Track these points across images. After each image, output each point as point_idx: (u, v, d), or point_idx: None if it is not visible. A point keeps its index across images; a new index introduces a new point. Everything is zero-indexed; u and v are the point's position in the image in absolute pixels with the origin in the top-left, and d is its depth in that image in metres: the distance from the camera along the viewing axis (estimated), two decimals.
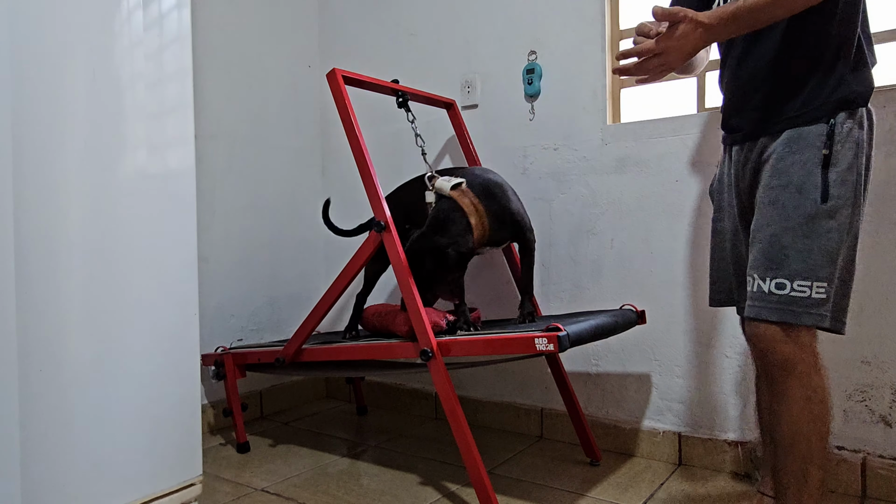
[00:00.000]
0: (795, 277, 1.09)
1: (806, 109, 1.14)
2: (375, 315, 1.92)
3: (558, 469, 1.83)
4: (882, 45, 1.62)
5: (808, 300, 1.09)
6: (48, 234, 1.20)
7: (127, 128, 1.32)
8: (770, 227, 1.13)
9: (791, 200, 1.11)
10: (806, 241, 1.09)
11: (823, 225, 1.09)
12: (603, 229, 1.98)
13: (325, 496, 1.66)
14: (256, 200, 2.44)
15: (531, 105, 2.12)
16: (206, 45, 2.26)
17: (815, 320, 1.10)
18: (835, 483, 1.63)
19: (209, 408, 2.25)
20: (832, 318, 1.11)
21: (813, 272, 1.09)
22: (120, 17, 1.31)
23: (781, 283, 1.11)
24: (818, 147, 1.10)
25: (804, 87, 1.15)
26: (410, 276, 1.62)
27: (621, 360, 1.97)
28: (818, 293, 1.09)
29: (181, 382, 1.43)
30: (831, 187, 1.08)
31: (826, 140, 1.10)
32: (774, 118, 1.19)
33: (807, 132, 1.13)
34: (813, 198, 1.09)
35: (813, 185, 1.09)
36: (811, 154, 1.11)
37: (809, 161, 1.11)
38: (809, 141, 1.12)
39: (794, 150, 1.13)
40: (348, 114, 1.74)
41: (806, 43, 1.15)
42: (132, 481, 1.33)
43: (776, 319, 1.11)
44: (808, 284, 1.09)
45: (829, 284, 1.09)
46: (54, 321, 1.21)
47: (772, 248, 1.12)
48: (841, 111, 1.12)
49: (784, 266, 1.11)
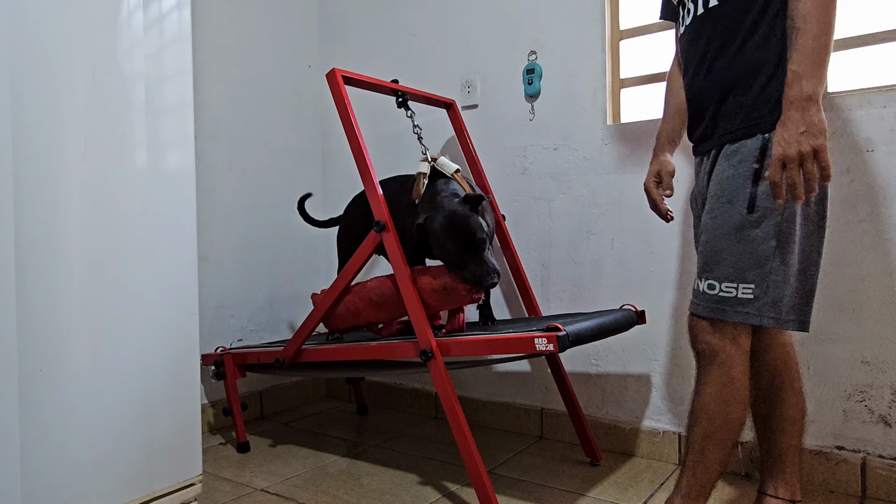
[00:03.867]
0: (723, 279, 1.22)
1: (744, 125, 1.22)
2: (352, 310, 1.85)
3: (558, 469, 1.83)
4: (882, 46, 1.62)
5: (734, 300, 1.20)
6: (48, 233, 1.20)
7: (127, 127, 1.32)
8: (706, 233, 1.25)
9: (723, 211, 1.22)
10: (735, 247, 1.20)
11: (750, 233, 1.19)
12: (603, 229, 1.98)
13: (325, 496, 1.66)
14: (256, 200, 2.44)
15: (531, 105, 2.12)
16: (206, 45, 2.26)
17: (741, 318, 1.20)
18: (835, 483, 1.63)
19: (209, 408, 2.25)
20: (769, 317, 1.20)
21: (740, 275, 1.20)
22: (120, 17, 1.31)
23: (712, 284, 1.23)
24: (750, 161, 1.20)
25: (744, 104, 1.23)
26: (411, 276, 1.62)
27: (621, 360, 1.97)
28: (744, 294, 1.20)
29: (181, 382, 1.43)
30: (758, 199, 1.18)
31: (758, 155, 1.19)
32: (720, 132, 1.28)
33: (743, 147, 1.22)
34: (740, 209, 1.20)
35: (742, 197, 1.20)
36: (744, 168, 1.20)
37: (741, 175, 1.20)
38: (744, 155, 1.21)
39: (732, 163, 1.23)
40: (348, 114, 1.74)
41: (747, 64, 1.23)
42: (132, 480, 1.33)
43: (706, 316, 1.24)
44: (735, 286, 1.20)
45: (758, 286, 1.19)
46: (54, 321, 1.21)
47: (707, 252, 1.25)
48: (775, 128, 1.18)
49: (715, 269, 1.23)
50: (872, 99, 1.57)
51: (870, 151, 1.58)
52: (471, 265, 1.56)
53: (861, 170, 1.59)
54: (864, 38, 1.63)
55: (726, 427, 1.22)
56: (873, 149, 1.57)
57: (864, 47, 1.64)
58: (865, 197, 1.59)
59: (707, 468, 1.23)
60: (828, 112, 1.62)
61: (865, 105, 1.58)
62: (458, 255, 1.56)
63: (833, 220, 1.63)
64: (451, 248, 1.55)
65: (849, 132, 1.60)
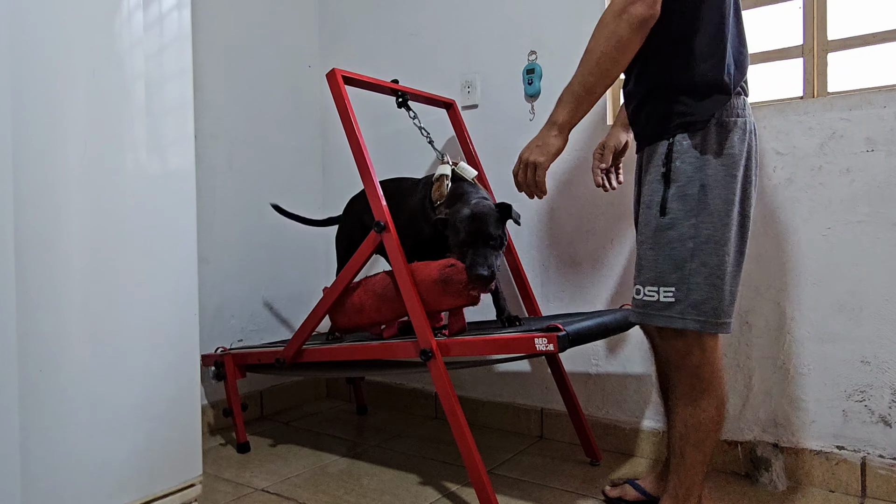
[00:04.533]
0: (646, 284, 1.24)
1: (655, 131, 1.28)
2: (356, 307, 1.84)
3: (558, 469, 1.83)
4: (882, 46, 1.62)
5: (657, 304, 1.23)
6: (48, 234, 1.20)
7: (127, 127, 1.32)
8: (637, 239, 1.31)
9: (643, 216, 1.26)
10: (652, 251, 1.23)
11: (665, 236, 1.21)
12: (603, 229, 1.98)
13: (325, 496, 1.66)
14: (256, 200, 2.44)
15: (531, 105, 2.12)
16: (206, 45, 2.26)
17: (665, 321, 1.22)
18: (835, 483, 1.63)
19: (209, 408, 2.25)
20: (693, 320, 1.20)
21: (660, 279, 1.22)
22: (120, 17, 1.31)
23: (638, 288, 1.26)
24: (659, 166, 1.24)
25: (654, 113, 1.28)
26: (410, 278, 1.62)
27: (621, 360, 1.97)
28: (665, 297, 1.21)
29: (181, 383, 1.43)
30: (669, 202, 1.21)
31: (664, 159, 1.23)
32: (639, 137, 1.35)
33: (654, 153, 1.27)
34: (655, 212, 1.23)
35: (656, 201, 1.23)
36: (656, 173, 1.25)
37: (655, 179, 1.25)
38: (655, 161, 1.26)
39: (648, 169, 1.28)
40: (348, 114, 1.74)
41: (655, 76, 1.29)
42: (132, 481, 1.33)
43: (636, 321, 1.28)
44: (656, 290, 1.22)
45: (678, 289, 1.20)
46: (54, 321, 1.21)
47: (637, 258, 1.29)
48: (678, 133, 1.23)
49: (640, 274, 1.26)
50: (872, 99, 1.57)
51: (870, 151, 1.58)
52: (471, 252, 1.58)
53: (861, 170, 1.59)
54: (864, 38, 1.64)
55: (698, 429, 1.24)
56: (873, 149, 1.57)
57: (864, 47, 1.64)
58: (865, 197, 1.59)
59: (689, 471, 1.25)
60: (828, 112, 1.62)
61: (865, 105, 1.58)
62: (467, 240, 1.58)
63: (833, 220, 1.63)
64: (462, 234, 1.58)
65: (849, 132, 1.60)
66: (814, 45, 1.69)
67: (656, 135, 1.27)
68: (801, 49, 1.73)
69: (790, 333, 1.69)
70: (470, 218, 1.59)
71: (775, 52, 1.77)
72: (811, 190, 1.65)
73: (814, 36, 1.69)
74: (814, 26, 1.69)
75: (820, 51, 1.69)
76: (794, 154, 1.67)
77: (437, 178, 1.76)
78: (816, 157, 1.64)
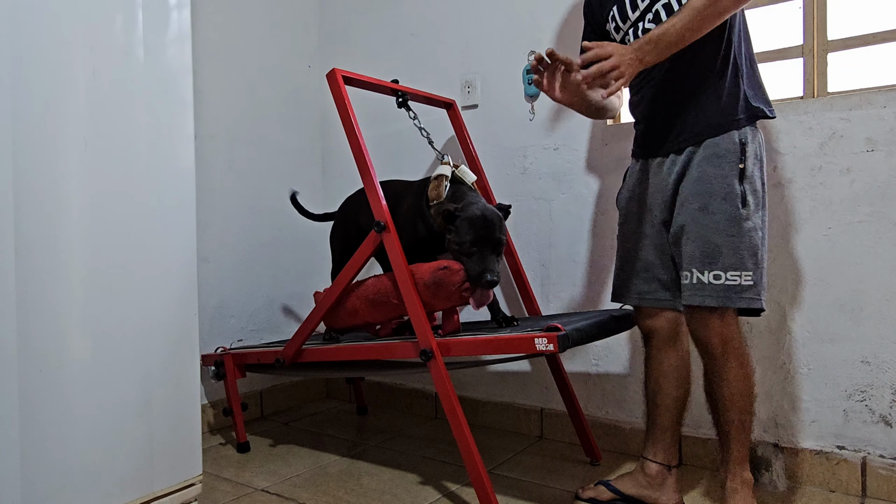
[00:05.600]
0: (728, 269, 1.33)
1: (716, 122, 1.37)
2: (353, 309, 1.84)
3: (558, 469, 1.83)
4: (882, 46, 1.62)
5: (739, 287, 1.33)
6: (48, 233, 1.20)
7: (127, 127, 1.32)
8: (703, 229, 1.35)
9: (718, 207, 1.34)
10: (733, 239, 1.33)
11: (745, 225, 1.33)
12: (603, 229, 1.98)
13: (325, 496, 1.66)
14: (256, 200, 2.44)
15: (531, 105, 2.12)
16: (206, 45, 2.26)
17: (746, 303, 1.33)
18: (835, 483, 1.63)
19: (209, 408, 2.25)
20: (762, 300, 1.35)
21: (742, 264, 1.33)
22: (120, 17, 1.31)
23: (718, 274, 1.34)
24: (734, 162, 1.34)
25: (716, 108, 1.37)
26: (411, 278, 1.62)
27: (621, 360, 1.97)
28: (746, 280, 1.33)
29: (181, 382, 1.43)
30: (746, 195, 1.33)
31: (740, 156, 1.34)
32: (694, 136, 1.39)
33: (722, 149, 1.35)
34: (735, 204, 1.33)
35: (734, 194, 1.33)
36: (729, 168, 1.34)
37: (729, 175, 1.34)
38: (727, 158, 1.35)
39: (715, 164, 1.35)
40: (348, 114, 1.74)
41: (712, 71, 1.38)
42: (132, 481, 1.33)
43: (716, 305, 1.34)
44: (738, 274, 1.33)
45: (754, 273, 1.33)
46: (54, 321, 1.21)
47: (706, 246, 1.35)
48: (746, 126, 1.36)
49: (718, 260, 1.34)
50: (872, 99, 1.57)
51: (869, 151, 1.58)
52: (476, 257, 1.58)
53: (861, 170, 1.59)
54: (864, 38, 1.63)
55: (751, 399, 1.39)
56: (873, 149, 1.57)
57: (864, 47, 1.64)
58: (865, 197, 1.59)
59: (748, 433, 1.40)
60: (828, 112, 1.62)
61: (865, 105, 1.58)
62: (472, 244, 1.58)
63: (833, 220, 1.63)
64: (469, 237, 1.58)
65: (849, 132, 1.60)
66: (814, 45, 1.69)
67: (717, 127, 1.36)
68: (801, 49, 1.72)
69: (790, 333, 1.69)
70: (480, 220, 1.59)
71: (775, 52, 1.77)
72: (811, 190, 1.65)
73: (814, 36, 1.69)
74: (814, 26, 1.69)
75: (820, 51, 1.69)
76: (794, 154, 1.67)
77: (436, 178, 1.75)
78: (817, 157, 1.64)
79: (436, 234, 1.71)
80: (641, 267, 1.52)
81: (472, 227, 1.59)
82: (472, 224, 1.59)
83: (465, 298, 1.60)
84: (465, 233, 1.59)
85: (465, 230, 1.59)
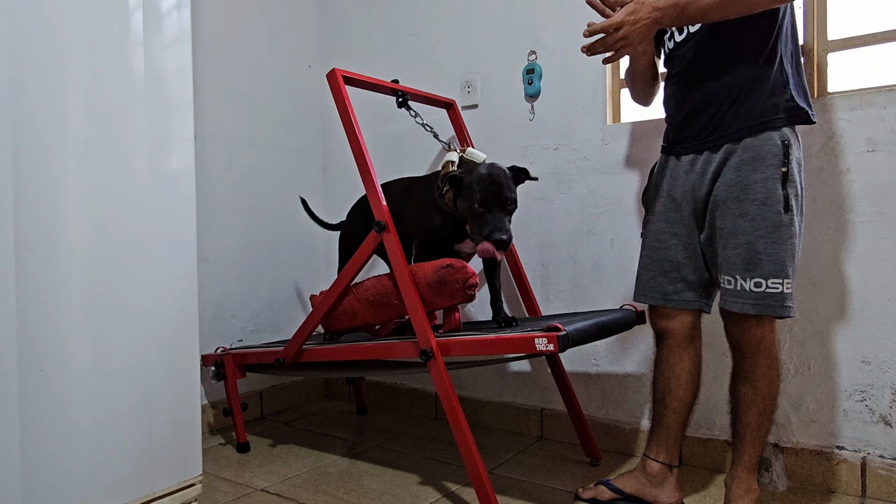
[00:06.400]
0: (769, 276, 1.30)
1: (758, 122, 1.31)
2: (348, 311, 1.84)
3: (558, 469, 1.83)
4: (882, 46, 1.62)
5: (780, 295, 1.30)
6: (48, 234, 1.20)
7: (127, 128, 1.32)
8: (744, 235, 1.32)
9: (759, 212, 1.30)
10: (775, 245, 1.29)
11: (787, 231, 1.29)
12: (603, 229, 1.98)
13: (325, 496, 1.66)
14: (256, 200, 2.44)
15: (531, 105, 2.12)
16: (206, 45, 2.26)
17: (788, 312, 1.30)
18: (835, 483, 1.63)
19: (209, 408, 2.25)
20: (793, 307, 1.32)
21: (782, 271, 1.29)
22: (120, 17, 1.31)
23: (758, 281, 1.30)
24: (776, 165, 1.29)
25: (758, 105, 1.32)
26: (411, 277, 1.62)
27: (621, 360, 1.97)
28: (787, 288, 1.30)
29: (181, 382, 1.43)
30: (789, 199, 1.29)
31: (783, 159, 1.29)
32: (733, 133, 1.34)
33: (764, 152, 1.30)
34: (777, 209, 1.29)
35: (776, 199, 1.29)
36: (771, 172, 1.29)
37: (770, 178, 1.29)
38: (768, 161, 1.30)
39: (756, 167, 1.31)
40: (348, 114, 1.74)
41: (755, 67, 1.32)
42: (132, 481, 1.33)
43: (756, 313, 1.32)
44: (780, 282, 1.29)
45: (793, 280, 1.31)
46: (54, 321, 1.21)
47: (747, 253, 1.31)
48: (786, 126, 1.31)
49: (759, 267, 1.30)
50: (872, 99, 1.57)
51: (870, 151, 1.58)
52: (487, 217, 1.53)
53: (861, 170, 1.59)
54: (864, 38, 1.63)
55: (773, 404, 1.38)
56: (873, 149, 1.57)
57: (864, 47, 1.64)
58: (866, 197, 1.59)
59: (764, 439, 1.39)
60: (828, 112, 1.62)
61: (865, 105, 1.58)
62: (480, 203, 1.54)
63: (833, 220, 1.63)
64: (476, 197, 1.54)
65: (849, 132, 1.60)
66: (814, 45, 1.69)
67: (758, 126, 1.31)
68: (801, 49, 1.72)
69: (790, 333, 1.69)
70: (487, 178, 1.54)
71: None
72: (812, 190, 1.65)
73: (814, 36, 1.69)
74: (814, 26, 1.69)
75: (820, 51, 1.68)
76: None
77: (444, 166, 1.73)
78: (817, 157, 1.64)
79: (452, 223, 1.67)
80: (670, 267, 1.47)
81: (478, 185, 1.54)
82: (478, 183, 1.54)
83: (468, 296, 1.60)
84: (472, 193, 1.55)
85: (472, 191, 1.55)
